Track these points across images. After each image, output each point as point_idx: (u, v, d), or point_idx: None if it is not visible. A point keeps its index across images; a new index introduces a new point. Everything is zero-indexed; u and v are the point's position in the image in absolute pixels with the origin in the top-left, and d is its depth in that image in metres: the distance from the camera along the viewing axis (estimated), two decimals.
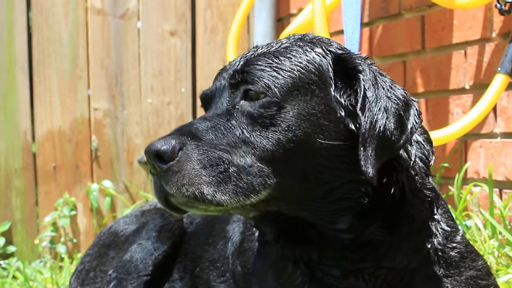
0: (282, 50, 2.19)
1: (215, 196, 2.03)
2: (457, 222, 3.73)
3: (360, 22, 3.05)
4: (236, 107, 2.14)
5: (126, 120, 5.75)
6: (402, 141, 2.11)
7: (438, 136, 3.67)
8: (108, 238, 3.35)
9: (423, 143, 2.32)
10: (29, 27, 5.64)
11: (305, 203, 2.16)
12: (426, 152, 2.31)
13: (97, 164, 5.68)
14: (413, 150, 2.25)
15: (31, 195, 5.59)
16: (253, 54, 2.22)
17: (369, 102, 2.09)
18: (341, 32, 3.34)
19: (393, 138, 2.09)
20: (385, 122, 2.08)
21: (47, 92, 5.61)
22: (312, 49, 2.19)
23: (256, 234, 2.54)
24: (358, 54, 2.23)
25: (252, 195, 2.07)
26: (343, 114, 2.12)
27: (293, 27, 4.32)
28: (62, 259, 5.38)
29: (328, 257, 2.23)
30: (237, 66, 2.21)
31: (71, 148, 5.64)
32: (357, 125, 2.11)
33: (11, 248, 5.46)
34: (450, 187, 4.14)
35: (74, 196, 5.62)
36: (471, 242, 2.52)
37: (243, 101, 2.14)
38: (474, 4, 3.87)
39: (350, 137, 2.12)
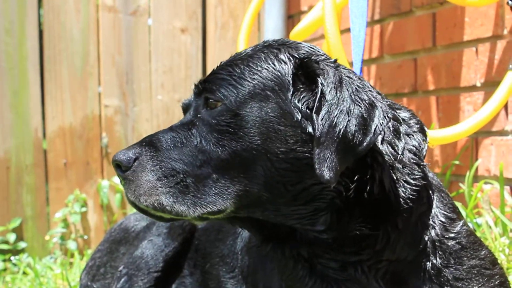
0: (245, 58, 2.23)
1: (174, 207, 2.10)
2: (468, 219, 3.75)
3: (367, 19, 3.04)
4: (198, 116, 2.20)
5: (137, 117, 5.76)
6: (365, 143, 2.08)
7: (449, 133, 3.66)
8: (119, 234, 3.36)
9: (413, 134, 2.31)
10: (40, 24, 5.66)
11: (279, 208, 2.17)
12: (416, 142, 2.30)
13: (108, 161, 5.69)
14: (401, 144, 2.25)
15: (42, 191, 5.61)
16: (224, 62, 2.27)
17: (329, 104, 2.08)
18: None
19: (355, 141, 2.07)
20: (346, 124, 2.06)
21: (58, 89, 5.63)
22: (275, 56, 2.21)
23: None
24: (324, 57, 2.22)
25: (210, 206, 2.11)
26: (299, 117, 2.12)
27: (304, 25, 4.31)
28: (72, 255, 5.40)
29: (321, 252, 2.24)
30: (208, 75, 2.27)
31: (82, 145, 5.65)
32: (316, 128, 2.11)
33: (22, 244, 5.48)
34: (460, 184, 4.13)
35: (84, 193, 5.64)
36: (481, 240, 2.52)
37: (204, 110, 2.19)
38: (485, 1, 3.86)
39: (309, 140, 2.12)
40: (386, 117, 2.13)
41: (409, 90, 4.61)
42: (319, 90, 2.11)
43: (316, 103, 2.10)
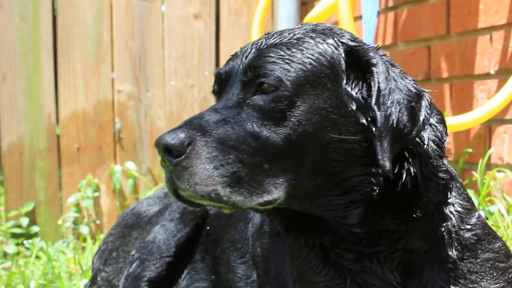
0: (294, 41, 2.16)
1: (231, 197, 2.01)
2: (480, 207, 3.74)
3: (378, 5, 3.03)
4: (247, 101, 2.11)
5: (150, 102, 5.77)
6: (414, 132, 2.10)
7: (462, 121, 3.65)
8: (131, 218, 3.37)
9: (436, 125, 2.30)
10: (54, 9, 5.66)
11: (316, 199, 2.15)
12: (439, 134, 2.29)
13: (120, 146, 5.71)
14: (426, 134, 2.24)
15: (55, 176, 5.63)
16: (265, 44, 2.18)
17: (383, 95, 2.08)
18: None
19: (405, 131, 2.08)
20: (398, 115, 2.07)
21: (71, 74, 5.64)
22: (324, 41, 2.17)
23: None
24: (370, 45, 2.21)
25: (265, 196, 2.05)
26: (354, 107, 2.11)
27: (317, 11, 4.30)
28: (85, 240, 5.43)
29: (341, 242, 2.23)
30: (249, 58, 2.17)
31: (95, 130, 5.67)
32: (368, 119, 2.10)
33: (35, 228, 5.52)
34: (473, 172, 4.12)
35: (97, 178, 5.66)
36: (494, 228, 2.51)
37: (255, 95, 2.11)
38: None
39: (360, 130, 2.11)
40: (431, 107, 2.15)
41: (422, 78, 4.60)
42: (375, 80, 2.09)
43: (374, 94, 2.08)
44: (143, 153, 5.74)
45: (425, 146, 2.22)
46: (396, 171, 2.13)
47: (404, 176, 2.15)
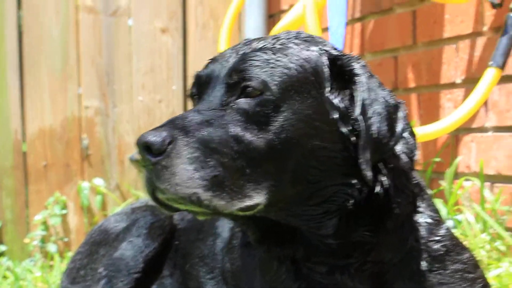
0: (279, 46, 2.15)
1: (212, 201, 1.97)
2: (448, 216, 3.75)
3: (346, 17, 3.04)
4: (231, 104, 2.08)
5: (117, 118, 5.73)
6: (392, 143, 2.11)
7: (429, 131, 3.66)
8: (98, 236, 3.33)
9: (407, 137, 2.30)
10: (19, 26, 5.62)
11: (292, 208, 2.13)
12: (410, 146, 2.29)
13: (88, 163, 5.65)
14: (399, 146, 2.24)
15: (22, 194, 5.56)
16: (248, 48, 2.16)
17: (365, 105, 2.08)
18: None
19: (384, 141, 2.09)
20: (379, 126, 2.07)
21: (38, 90, 5.59)
22: (308, 48, 2.16)
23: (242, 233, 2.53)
24: (352, 55, 2.20)
25: (247, 200, 2.02)
26: (336, 116, 2.10)
27: (284, 23, 4.30)
28: (52, 258, 5.36)
29: (314, 255, 2.21)
30: (232, 61, 2.15)
31: (62, 147, 5.62)
32: (349, 128, 2.09)
33: (1, 248, 5.45)
34: (441, 181, 4.13)
35: (65, 195, 5.60)
36: (462, 237, 2.52)
37: (239, 98, 2.08)
38: None
39: (341, 139, 2.10)
40: (406, 119, 2.16)
41: (389, 88, 4.60)
42: (359, 91, 2.09)
43: (358, 104, 2.07)
44: (112, 169, 5.69)
45: (399, 158, 2.22)
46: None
47: (377, 188, 2.14)
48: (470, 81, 4.00)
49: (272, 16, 5.84)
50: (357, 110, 2.08)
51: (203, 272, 2.91)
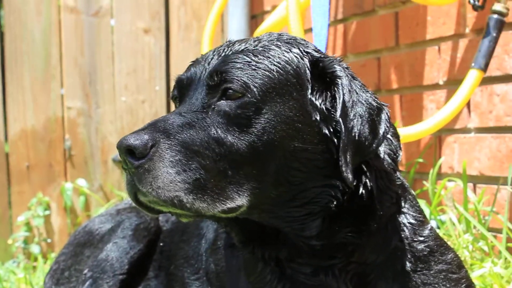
0: (261, 48, 2.15)
1: (194, 204, 1.98)
2: (432, 217, 3.77)
3: (329, 18, 3.04)
4: (212, 106, 2.09)
5: (100, 118, 5.71)
6: (374, 145, 2.12)
7: (412, 132, 3.68)
8: (83, 237, 3.32)
9: (391, 139, 2.32)
10: (1, 26, 5.59)
11: (275, 210, 2.14)
12: (394, 148, 2.31)
13: (71, 163, 5.64)
14: (382, 148, 2.25)
15: (4, 195, 5.54)
16: (230, 50, 2.17)
17: (346, 107, 2.09)
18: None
19: (366, 143, 2.10)
20: (360, 127, 2.08)
21: (20, 91, 5.56)
22: (290, 50, 2.17)
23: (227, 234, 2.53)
24: (334, 57, 2.21)
25: (229, 202, 2.03)
26: (317, 118, 2.11)
27: (267, 25, 4.31)
28: (36, 259, 5.34)
29: (298, 255, 2.22)
30: (214, 63, 2.15)
31: (45, 147, 5.59)
32: (331, 130, 2.11)
33: None
34: (424, 182, 4.15)
35: (47, 196, 5.58)
36: (445, 237, 2.54)
37: (221, 100, 2.08)
38: (447, 0, 3.89)
39: (323, 141, 2.11)
40: (389, 121, 2.16)
41: (372, 89, 4.63)
42: (341, 93, 2.09)
43: (340, 106, 2.08)
44: (95, 170, 5.67)
45: (382, 160, 2.23)
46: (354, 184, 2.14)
47: (361, 189, 2.15)
48: (453, 83, 4.03)
49: (254, 17, 5.85)
50: (338, 112, 2.09)
51: (188, 273, 2.91)
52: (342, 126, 2.07)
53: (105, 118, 5.72)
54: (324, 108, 2.12)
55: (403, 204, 2.32)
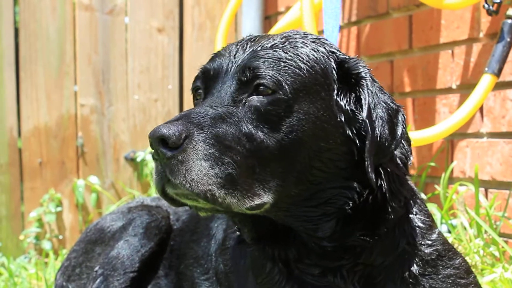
0: (289, 46, 2.15)
1: (226, 199, 1.99)
2: (443, 221, 3.77)
3: (340, 20, 3.05)
4: (244, 101, 2.09)
5: (113, 116, 5.73)
6: (393, 146, 2.13)
7: (424, 135, 3.68)
8: (94, 234, 3.33)
9: (403, 143, 2.32)
10: (16, 22, 5.61)
11: (292, 208, 2.15)
12: (405, 152, 2.31)
13: (83, 160, 5.66)
14: (395, 152, 2.26)
15: (17, 191, 5.56)
16: (258, 45, 2.16)
17: (369, 109, 2.10)
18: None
19: (387, 144, 2.11)
20: (381, 129, 2.09)
21: (34, 88, 5.59)
22: (317, 49, 2.17)
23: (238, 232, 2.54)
24: (358, 58, 2.22)
25: (256, 199, 2.04)
26: (342, 119, 2.12)
27: (281, 25, 4.32)
28: (47, 255, 5.36)
29: (306, 256, 2.23)
30: (242, 57, 2.14)
31: (57, 144, 5.62)
32: (354, 131, 2.12)
33: None
34: (436, 186, 4.15)
35: (59, 192, 5.60)
36: (456, 241, 2.54)
37: (252, 96, 2.08)
38: (462, 4, 3.89)
39: (345, 142, 2.12)
40: (405, 123, 2.18)
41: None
42: (366, 94, 2.10)
43: (365, 108, 2.09)
44: (106, 167, 5.69)
45: (395, 163, 2.23)
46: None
47: (377, 192, 2.16)
48: (466, 87, 4.03)
49: (268, 17, 5.86)
50: (364, 113, 2.10)
51: (198, 273, 2.92)
52: (369, 128, 2.08)
53: (117, 116, 5.74)
54: (348, 109, 2.13)
55: (412, 207, 2.33)
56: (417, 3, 4.32)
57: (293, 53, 2.13)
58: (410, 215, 2.32)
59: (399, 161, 2.27)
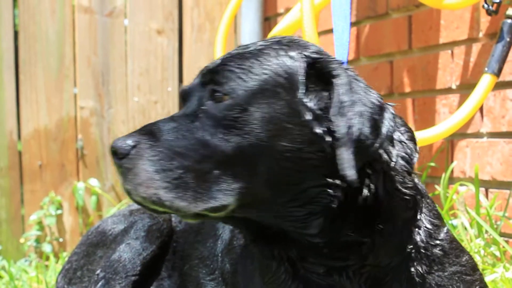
0: (255, 52, 2.19)
1: (174, 202, 2.03)
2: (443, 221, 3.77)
3: (350, 22, 3.05)
4: (203, 108, 2.13)
5: (113, 118, 5.74)
6: (377, 145, 2.10)
7: (425, 136, 3.68)
8: (96, 237, 3.34)
9: (406, 142, 2.30)
10: (15, 25, 5.62)
11: (276, 209, 2.15)
12: (409, 150, 2.29)
13: (83, 163, 5.66)
14: (395, 151, 2.24)
15: (17, 194, 5.57)
16: (228, 55, 2.22)
17: (344, 107, 2.08)
18: (328, 31, 3.35)
19: (368, 142, 2.08)
20: (360, 126, 2.07)
21: (33, 90, 5.59)
22: (286, 52, 2.18)
23: None
24: (334, 58, 2.22)
25: (212, 202, 2.06)
26: (309, 118, 2.12)
27: (281, 27, 4.31)
28: (47, 258, 5.36)
29: (309, 255, 2.23)
30: (209, 67, 2.21)
31: (57, 147, 5.62)
32: (324, 129, 2.11)
33: None
34: (436, 186, 4.16)
35: (60, 195, 5.60)
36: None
37: (209, 101, 2.13)
38: (461, 4, 3.89)
39: (316, 140, 2.11)
40: (394, 121, 2.16)
41: (385, 92, 4.64)
42: (335, 91, 2.10)
43: (335, 105, 2.09)
44: (107, 169, 5.70)
45: (392, 162, 2.23)
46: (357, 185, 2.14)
47: (365, 191, 2.16)
48: (465, 87, 4.03)
49: (268, 19, 5.86)
50: (332, 111, 2.09)
51: (203, 273, 2.92)
52: (337, 124, 2.07)
53: (117, 118, 5.75)
54: (317, 108, 2.13)
55: (419, 209, 2.32)
56: (417, 4, 4.32)
57: (256, 59, 2.16)
58: (418, 216, 2.31)
59: (400, 161, 2.26)
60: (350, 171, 2.04)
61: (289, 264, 2.28)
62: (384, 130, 2.11)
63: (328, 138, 2.10)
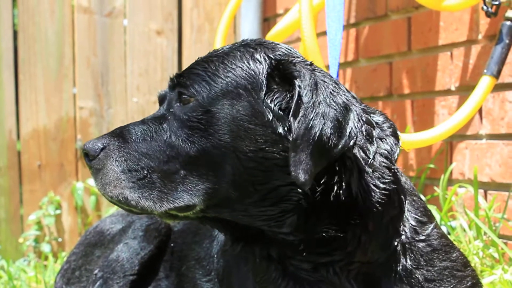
0: (220, 55, 2.24)
1: (139, 202, 2.11)
2: (442, 222, 3.78)
3: (343, 23, 3.05)
4: (171, 110, 2.20)
5: (112, 119, 5.74)
6: (340, 146, 2.08)
7: (424, 137, 3.68)
8: (94, 237, 3.34)
9: (386, 138, 2.30)
10: (14, 25, 5.62)
11: (246, 209, 2.18)
12: (389, 146, 2.29)
13: (82, 163, 5.66)
14: (373, 148, 2.24)
15: (16, 193, 5.56)
16: (199, 59, 2.28)
17: (305, 107, 2.08)
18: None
19: (330, 144, 2.07)
20: (322, 127, 2.06)
21: (33, 90, 5.59)
22: (251, 55, 2.22)
23: None
24: (301, 60, 2.23)
25: (177, 202, 2.12)
26: (270, 117, 2.13)
27: (280, 27, 4.32)
28: (46, 258, 5.36)
29: (292, 253, 2.24)
30: (179, 73, 2.28)
31: (56, 147, 5.62)
32: (285, 129, 2.12)
33: None
34: (435, 188, 4.16)
35: (59, 195, 5.60)
36: (455, 243, 2.53)
37: (177, 104, 2.20)
38: (461, 6, 3.89)
39: (279, 140, 2.12)
40: (361, 121, 2.14)
41: (384, 94, 4.64)
42: (296, 92, 2.11)
43: (292, 105, 2.10)
44: None
45: (369, 159, 2.22)
46: (324, 181, 2.13)
47: (335, 188, 2.16)
48: (465, 89, 4.03)
49: (267, 19, 5.86)
50: (291, 111, 2.10)
51: (200, 274, 2.93)
52: (294, 125, 2.08)
53: (116, 119, 5.75)
54: (278, 108, 2.14)
55: (405, 204, 2.33)
56: (416, 5, 4.32)
57: (221, 62, 2.21)
58: (403, 211, 2.32)
59: (379, 157, 2.25)
60: (301, 174, 2.04)
61: (279, 262, 2.30)
62: (348, 130, 2.10)
63: (290, 137, 2.12)
